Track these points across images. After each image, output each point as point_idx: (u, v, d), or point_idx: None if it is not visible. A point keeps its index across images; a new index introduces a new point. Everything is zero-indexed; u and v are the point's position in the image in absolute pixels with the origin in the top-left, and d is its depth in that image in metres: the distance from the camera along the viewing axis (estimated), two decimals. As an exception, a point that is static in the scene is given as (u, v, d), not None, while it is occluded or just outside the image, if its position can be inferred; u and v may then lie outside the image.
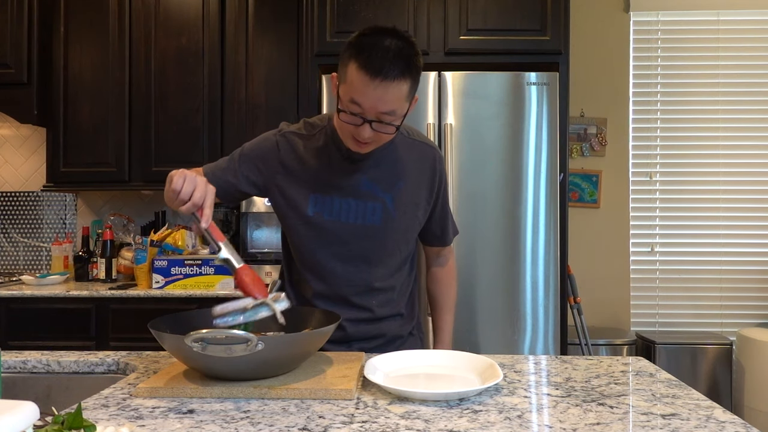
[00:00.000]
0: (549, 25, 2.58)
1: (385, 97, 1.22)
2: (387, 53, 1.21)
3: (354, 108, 1.24)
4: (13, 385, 1.32)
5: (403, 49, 1.23)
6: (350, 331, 1.45)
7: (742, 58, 3.47)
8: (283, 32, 3.02)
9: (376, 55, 1.20)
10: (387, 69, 1.20)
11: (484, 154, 2.50)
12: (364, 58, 1.21)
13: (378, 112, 1.24)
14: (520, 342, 2.49)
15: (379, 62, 1.20)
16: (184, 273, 2.78)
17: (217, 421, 0.92)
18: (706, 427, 0.91)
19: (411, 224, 1.47)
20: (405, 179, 1.43)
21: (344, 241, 1.41)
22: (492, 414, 0.96)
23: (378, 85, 1.21)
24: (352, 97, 1.24)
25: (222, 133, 3.04)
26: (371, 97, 1.22)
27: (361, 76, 1.21)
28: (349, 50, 1.25)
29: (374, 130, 1.26)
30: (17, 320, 2.73)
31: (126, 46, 3.06)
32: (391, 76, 1.21)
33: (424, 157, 1.47)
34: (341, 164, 1.39)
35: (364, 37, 1.25)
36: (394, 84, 1.21)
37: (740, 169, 3.48)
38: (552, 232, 2.50)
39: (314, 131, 1.43)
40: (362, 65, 1.21)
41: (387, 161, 1.41)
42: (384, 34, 1.24)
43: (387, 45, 1.22)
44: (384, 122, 1.25)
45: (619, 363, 1.31)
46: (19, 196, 3.42)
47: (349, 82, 1.24)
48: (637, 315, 3.48)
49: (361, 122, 1.25)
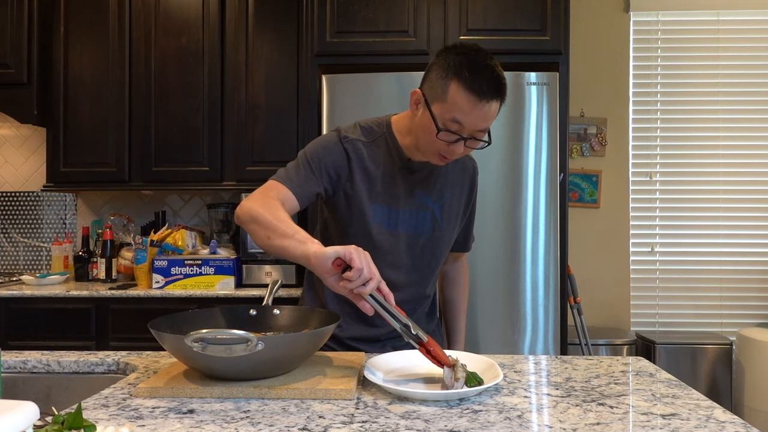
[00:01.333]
0: (549, 25, 2.58)
1: (488, 115, 1.27)
2: (492, 74, 1.26)
3: (454, 126, 1.28)
4: (13, 385, 1.32)
5: (500, 71, 1.28)
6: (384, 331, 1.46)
7: (742, 58, 3.47)
8: (283, 32, 3.02)
9: (483, 76, 1.25)
10: (494, 89, 1.25)
11: (484, 154, 2.47)
12: (470, 80, 1.24)
13: (476, 129, 1.29)
14: (520, 342, 2.49)
15: (486, 84, 1.24)
16: (184, 273, 2.78)
17: (217, 421, 0.92)
18: (706, 427, 0.91)
19: (453, 233, 1.52)
20: (451, 190, 1.48)
21: (398, 251, 1.43)
22: (492, 414, 0.96)
23: (485, 105, 1.25)
24: (455, 116, 1.27)
25: (222, 133, 3.04)
26: (475, 117, 1.26)
27: (467, 97, 1.24)
28: (450, 68, 1.27)
29: (466, 146, 1.30)
30: (17, 320, 2.74)
31: (126, 46, 3.06)
32: (495, 97, 1.26)
33: (465, 169, 1.53)
34: (401, 174, 1.41)
35: (463, 57, 1.27)
36: (494, 104, 1.27)
37: (740, 169, 3.48)
38: (552, 232, 2.50)
39: (374, 138, 1.42)
40: (469, 86, 1.24)
41: (438, 173, 1.45)
42: (478, 53, 1.28)
43: (488, 64, 1.26)
44: (478, 139, 1.30)
45: (619, 363, 1.31)
46: (19, 196, 3.42)
47: (452, 101, 1.26)
48: (637, 315, 3.48)
49: (458, 139, 1.29)
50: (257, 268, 2.87)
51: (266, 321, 1.32)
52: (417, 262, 1.46)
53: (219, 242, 3.06)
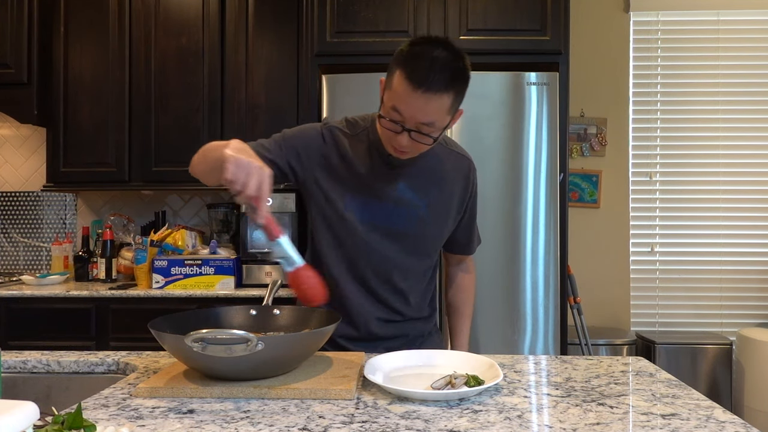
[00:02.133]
0: (549, 25, 2.58)
1: (426, 108, 1.23)
2: (433, 64, 1.21)
3: (395, 116, 1.26)
4: (13, 385, 1.32)
5: (450, 62, 1.23)
6: (378, 331, 1.46)
7: (742, 58, 3.47)
8: (283, 32, 3.02)
9: (421, 66, 1.20)
10: (431, 81, 1.20)
11: (484, 154, 2.50)
12: (409, 68, 1.21)
13: (418, 122, 1.25)
14: (520, 342, 2.49)
15: (424, 73, 1.20)
16: (184, 273, 2.78)
17: (217, 421, 0.92)
18: (706, 427, 0.91)
19: (441, 232, 1.49)
20: (440, 188, 1.45)
21: (376, 242, 1.42)
22: (492, 414, 0.96)
23: (420, 96, 1.21)
24: (395, 104, 1.25)
25: (222, 133, 3.04)
26: (412, 107, 1.23)
27: (405, 85, 1.21)
28: (398, 57, 1.25)
29: (412, 139, 1.27)
30: (17, 320, 2.73)
31: (126, 46, 3.06)
32: (434, 88, 1.21)
33: (459, 167, 1.49)
34: (381, 168, 1.40)
35: (414, 47, 1.25)
36: (436, 96, 1.22)
37: (740, 169, 3.48)
38: (552, 232, 2.50)
39: (357, 131, 1.43)
40: (407, 75, 1.21)
41: (425, 169, 1.43)
42: (434, 44, 1.25)
43: (435, 56, 1.21)
44: (422, 132, 1.26)
45: (619, 363, 1.31)
46: (19, 196, 3.42)
47: (394, 89, 1.25)
48: (637, 315, 3.48)
49: (401, 130, 1.26)
50: (257, 268, 2.87)
51: (266, 321, 1.32)
52: (402, 258, 1.44)
53: (219, 242, 3.06)
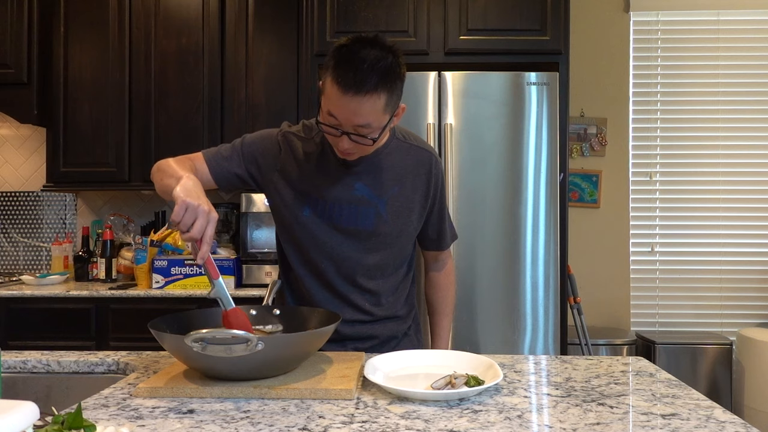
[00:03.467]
0: (549, 25, 2.58)
1: (359, 110, 1.20)
2: (362, 65, 1.18)
3: (331, 120, 1.24)
4: (13, 385, 1.32)
5: (379, 61, 1.19)
6: (345, 331, 1.45)
7: (742, 58, 3.47)
8: (283, 32, 3.02)
9: (350, 68, 1.18)
10: (360, 82, 1.18)
11: (484, 154, 2.50)
12: (338, 71, 1.19)
13: (353, 125, 1.23)
14: (520, 342, 2.49)
15: (352, 75, 1.17)
16: (184, 273, 2.78)
17: (217, 421, 0.92)
18: (706, 427, 0.91)
19: (404, 229, 1.46)
20: (400, 184, 1.42)
21: (337, 244, 1.41)
22: (492, 414, 0.96)
23: (351, 98, 1.19)
24: (329, 109, 1.23)
25: (222, 133, 3.04)
26: (345, 110, 1.21)
27: (335, 89, 1.20)
28: (328, 61, 1.23)
29: (353, 141, 1.26)
30: (17, 320, 2.73)
31: (126, 46, 3.06)
32: (364, 89, 1.18)
33: (420, 162, 1.45)
34: (336, 168, 1.39)
35: (342, 48, 1.22)
36: (367, 97, 1.19)
37: (740, 169, 3.48)
38: (552, 232, 2.50)
39: (311, 134, 1.43)
40: (336, 78, 1.19)
41: (381, 166, 1.41)
42: (362, 44, 1.22)
43: (363, 56, 1.19)
44: (360, 134, 1.25)
45: (619, 363, 1.31)
46: (19, 196, 3.42)
47: (327, 94, 1.23)
48: (637, 315, 3.48)
49: (339, 134, 1.25)
50: (257, 268, 2.87)
51: (266, 321, 1.32)
52: (365, 258, 1.43)
53: (219, 242, 3.06)
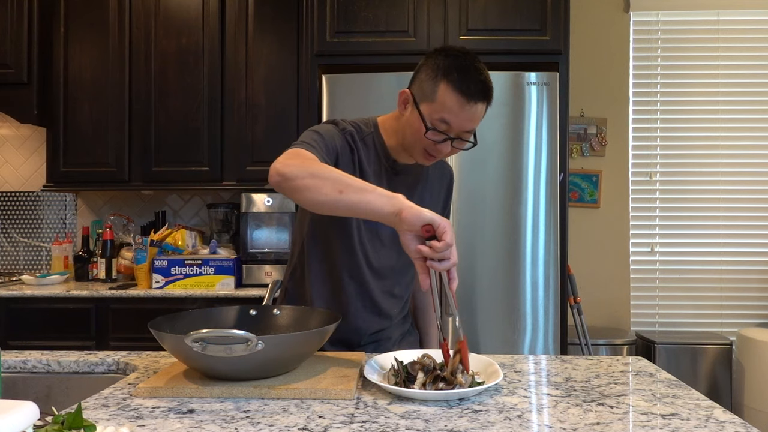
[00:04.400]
0: (549, 25, 2.58)
1: (475, 117, 1.30)
2: (479, 75, 1.28)
3: (442, 126, 1.30)
4: (13, 385, 1.32)
5: (487, 75, 1.31)
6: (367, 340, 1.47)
7: (742, 58, 3.47)
8: (283, 32, 3.02)
9: (470, 79, 1.27)
10: (482, 91, 1.28)
11: (484, 154, 2.50)
12: (459, 81, 1.27)
13: (464, 130, 1.31)
14: (520, 342, 2.49)
15: (474, 86, 1.27)
16: (184, 273, 2.78)
17: (217, 421, 0.92)
18: (706, 427, 0.91)
19: None
20: (430, 193, 1.50)
21: (377, 249, 1.43)
22: (492, 414, 0.96)
23: (472, 107, 1.28)
24: (443, 116, 1.29)
25: (222, 133, 3.04)
26: (463, 117, 1.28)
27: (456, 97, 1.27)
28: (441, 69, 1.29)
29: (453, 146, 1.33)
30: (17, 320, 2.74)
31: (126, 46, 3.06)
32: (483, 98, 1.29)
33: (443, 175, 1.55)
34: (387, 174, 1.42)
35: (452, 59, 1.29)
36: (482, 106, 1.29)
37: (740, 169, 3.48)
38: (552, 232, 2.50)
39: (363, 136, 1.42)
40: (457, 88, 1.26)
41: (419, 177, 1.47)
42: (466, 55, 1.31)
43: (477, 66, 1.29)
44: (464, 139, 1.32)
45: (619, 363, 1.31)
46: (19, 196, 3.42)
47: (440, 102, 1.29)
48: (637, 315, 3.48)
49: (445, 139, 1.31)
50: (257, 268, 2.87)
51: (266, 321, 1.32)
52: (399, 264, 1.46)
53: (219, 242, 3.06)
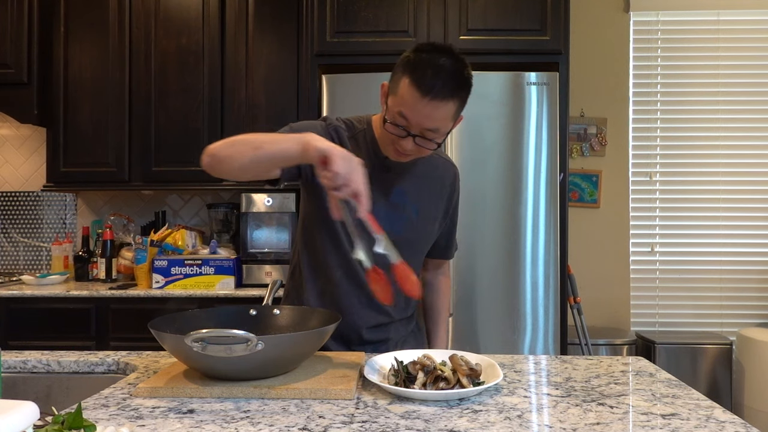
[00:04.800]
0: (549, 25, 2.58)
1: (433, 115, 1.25)
2: (440, 72, 1.23)
3: (400, 121, 1.28)
4: (13, 385, 1.32)
5: (456, 70, 1.25)
6: (368, 337, 1.46)
7: (742, 58, 3.47)
8: (283, 32, 3.02)
9: (429, 74, 1.23)
10: (438, 88, 1.22)
11: (484, 154, 2.50)
12: (417, 75, 1.23)
13: (423, 128, 1.27)
14: (520, 342, 2.49)
15: (432, 81, 1.22)
16: (184, 273, 2.78)
17: (217, 421, 0.92)
18: (706, 427, 0.91)
19: (429, 235, 1.51)
20: (429, 192, 1.48)
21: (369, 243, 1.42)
22: (492, 414, 0.96)
23: (428, 103, 1.23)
24: (401, 110, 1.27)
25: (222, 133, 3.04)
26: (419, 113, 1.25)
27: (412, 91, 1.24)
28: (404, 64, 1.27)
29: (416, 144, 1.29)
30: (17, 320, 2.73)
31: (126, 46, 3.06)
32: (441, 96, 1.23)
33: (446, 174, 1.52)
34: (378, 171, 1.40)
35: (420, 53, 1.27)
36: (442, 104, 1.24)
37: (740, 169, 3.48)
38: (552, 232, 2.50)
39: (354, 133, 1.43)
40: (414, 81, 1.23)
41: (416, 174, 1.45)
42: (440, 51, 1.27)
43: (441, 63, 1.24)
44: (426, 138, 1.29)
45: (619, 363, 1.31)
46: (19, 196, 3.42)
47: (400, 95, 1.27)
48: (637, 315, 3.48)
49: (406, 135, 1.28)
50: (257, 268, 2.87)
51: (266, 321, 1.32)
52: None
53: (219, 242, 3.06)
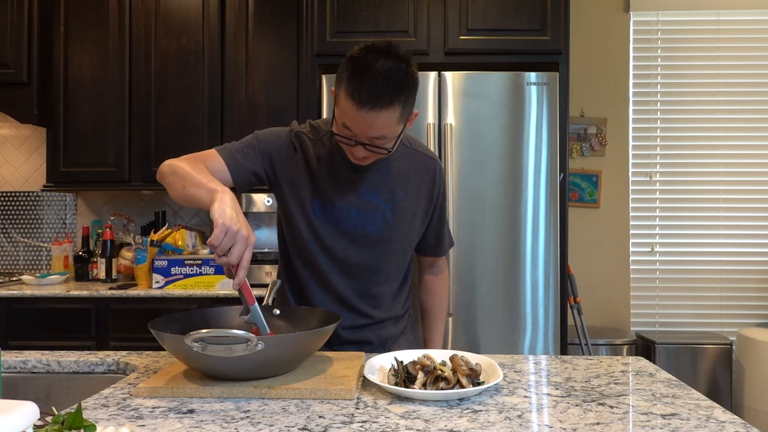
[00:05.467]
0: (549, 25, 2.58)
1: (375, 124, 1.20)
2: (376, 79, 1.17)
3: (346, 132, 1.24)
4: (13, 385, 1.32)
5: (394, 73, 1.19)
6: (347, 336, 1.46)
7: (742, 58, 3.47)
8: (283, 32, 3.02)
9: (365, 83, 1.17)
10: (375, 97, 1.17)
11: (484, 154, 2.50)
12: (353, 86, 1.18)
13: (369, 137, 1.23)
14: (520, 342, 2.49)
15: (368, 90, 1.17)
16: (184, 273, 2.78)
17: (217, 421, 0.92)
18: (706, 427, 0.91)
19: (409, 234, 1.47)
20: (405, 189, 1.43)
21: (343, 248, 1.41)
22: (492, 414, 0.96)
23: (367, 113, 1.18)
24: (344, 122, 1.23)
25: (222, 133, 3.04)
26: (361, 124, 1.21)
27: (350, 103, 1.19)
28: (342, 72, 1.22)
29: (368, 150, 1.26)
30: (17, 320, 2.73)
31: (126, 46, 3.06)
32: (380, 104, 1.18)
33: (425, 168, 1.47)
34: (345, 171, 1.39)
35: (355, 60, 1.21)
36: (383, 111, 1.19)
37: (740, 169, 3.48)
38: (552, 232, 2.50)
39: (319, 136, 1.42)
40: (350, 93, 1.18)
41: (388, 171, 1.41)
42: (376, 54, 1.21)
43: (377, 69, 1.18)
44: (376, 145, 1.25)
45: (619, 363, 1.31)
46: (19, 196, 3.42)
47: (341, 107, 1.23)
48: (637, 315, 3.48)
49: (354, 144, 1.25)
50: (257, 268, 2.87)
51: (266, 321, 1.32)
52: (366, 261, 1.43)
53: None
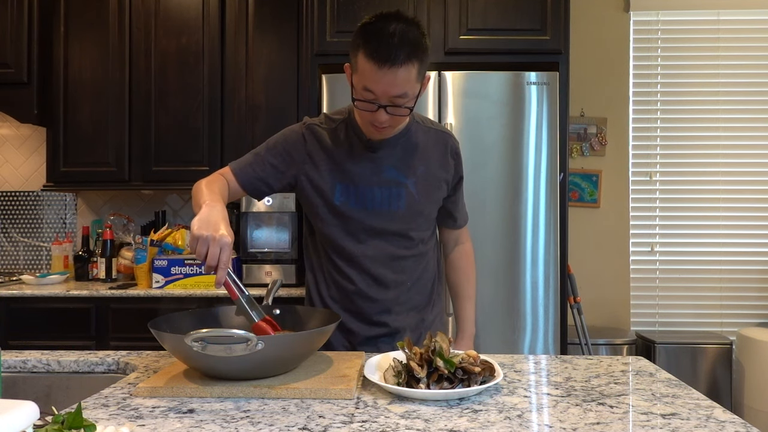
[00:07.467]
0: (549, 24, 2.58)
1: (396, 81, 1.26)
2: (392, 39, 1.24)
3: (367, 95, 1.30)
4: (13, 385, 1.32)
5: (408, 32, 1.26)
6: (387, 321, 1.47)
7: (742, 58, 3.47)
8: (283, 32, 3.02)
9: (382, 42, 1.24)
10: (394, 55, 1.24)
11: (484, 154, 2.50)
12: (371, 47, 1.25)
13: (390, 96, 1.29)
14: (520, 342, 2.49)
15: (386, 49, 1.24)
16: (184, 273, 2.78)
17: (217, 420, 0.92)
18: (706, 426, 0.91)
19: (433, 206, 1.52)
20: (425, 163, 1.48)
21: (371, 227, 1.44)
22: (492, 414, 0.96)
23: (387, 71, 1.25)
24: (365, 85, 1.29)
25: (222, 133, 3.04)
26: (382, 83, 1.27)
27: (369, 64, 1.26)
28: (357, 39, 1.29)
29: (389, 113, 1.31)
30: (17, 320, 2.73)
31: (126, 45, 3.06)
32: (399, 61, 1.24)
33: (441, 141, 1.53)
34: (363, 153, 1.43)
35: (369, 25, 1.29)
36: (402, 68, 1.25)
37: (740, 169, 3.48)
38: (552, 232, 2.50)
39: (335, 124, 1.47)
40: (370, 54, 1.25)
41: (406, 147, 1.46)
42: (388, 19, 1.28)
43: (392, 30, 1.25)
44: (397, 105, 1.30)
45: (619, 363, 1.31)
46: (19, 196, 3.42)
47: (360, 71, 1.29)
48: (637, 315, 3.48)
49: (376, 108, 1.30)
50: (257, 268, 2.87)
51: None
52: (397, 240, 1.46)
53: (219, 242, 3.05)
